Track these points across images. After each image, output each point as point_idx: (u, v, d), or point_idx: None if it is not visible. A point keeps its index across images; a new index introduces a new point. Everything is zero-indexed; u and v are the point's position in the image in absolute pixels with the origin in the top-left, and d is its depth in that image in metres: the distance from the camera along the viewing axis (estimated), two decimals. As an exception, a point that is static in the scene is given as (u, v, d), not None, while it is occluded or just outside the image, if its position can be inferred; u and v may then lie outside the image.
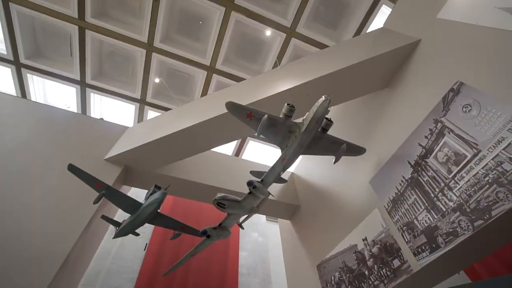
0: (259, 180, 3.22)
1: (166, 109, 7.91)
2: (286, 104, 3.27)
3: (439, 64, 3.48)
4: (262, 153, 8.99)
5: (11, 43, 6.81)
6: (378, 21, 6.86)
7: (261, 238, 8.35)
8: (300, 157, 4.02)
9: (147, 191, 3.89)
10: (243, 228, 3.75)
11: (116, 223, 3.96)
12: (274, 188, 5.95)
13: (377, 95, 4.46)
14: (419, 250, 2.99)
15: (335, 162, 3.63)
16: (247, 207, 3.37)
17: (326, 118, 3.41)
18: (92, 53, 7.06)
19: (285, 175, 6.59)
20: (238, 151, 8.99)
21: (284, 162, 3.13)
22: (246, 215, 3.61)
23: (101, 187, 3.42)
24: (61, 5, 6.40)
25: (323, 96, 3.17)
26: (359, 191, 4.19)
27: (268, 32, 7.08)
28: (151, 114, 8.24)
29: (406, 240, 3.18)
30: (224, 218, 3.42)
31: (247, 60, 7.69)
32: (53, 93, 7.83)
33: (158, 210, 3.68)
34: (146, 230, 6.54)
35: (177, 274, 6.57)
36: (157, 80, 7.31)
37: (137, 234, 4.02)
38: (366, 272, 3.61)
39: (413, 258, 3.02)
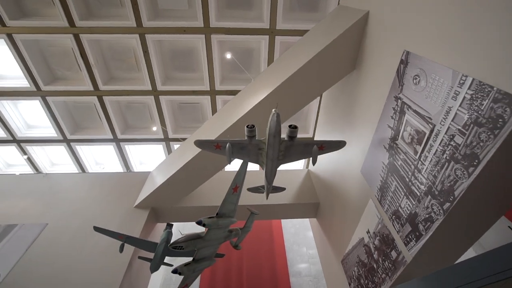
0: (214, 215, 3.39)
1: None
2: (245, 126, 3.42)
3: (389, 34, 3.16)
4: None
5: (57, 126, 8.40)
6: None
7: (310, 233, 8.40)
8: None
9: (186, 223, 4.42)
10: (239, 249, 3.95)
11: (150, 260, 4.64)
12: (292, 190, 6.05)
13: (349, 78, 4.20)
14: (408, 239, 2.81)
15: (313, 163, 3.60)
16: (217, 237, 3.52)
17: (290, 126, 3.43)
18: (114, 113, 8.18)
19: (301, 173, 6.66)
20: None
21: (238, 191, 3.25)
22: (239, 237, 3.82)
23: (122, 237, 4.09)
24: (79, 84, 7.63)
25: (273, 110, 3.23)
26: (356, 182, 4.04)
27: (251, 40, 7.18)
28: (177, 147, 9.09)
29: (397, 230, 3.01)
30: (195, 252, 3.65)
31: (241, 72, 7.89)
32: (98, 155, 9.32)
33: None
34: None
35: (231, 285, 7.17)
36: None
37: (170, 265, 4.63)
38: (375, 266, 3.49)
39: (405, 248, 2.86)
